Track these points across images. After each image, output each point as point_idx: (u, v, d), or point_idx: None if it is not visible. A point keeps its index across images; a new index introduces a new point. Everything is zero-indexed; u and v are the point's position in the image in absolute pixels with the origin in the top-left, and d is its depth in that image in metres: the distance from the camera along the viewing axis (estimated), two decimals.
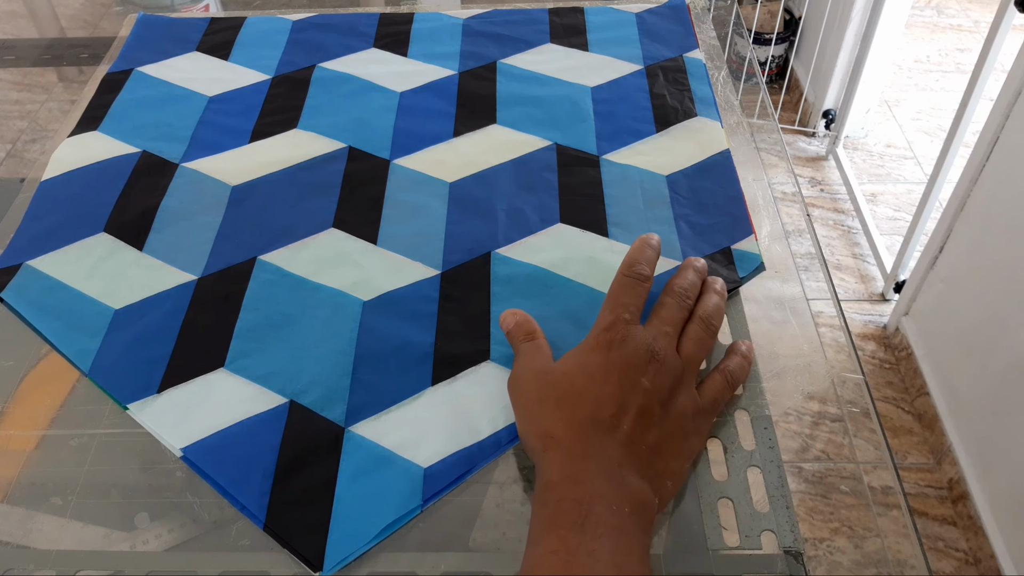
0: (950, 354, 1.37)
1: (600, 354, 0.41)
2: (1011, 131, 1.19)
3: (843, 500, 0.44)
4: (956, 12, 2.61)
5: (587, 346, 0.42)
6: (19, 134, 0.72)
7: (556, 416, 0.40)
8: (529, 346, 0.45)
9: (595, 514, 0.35)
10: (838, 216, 1.88)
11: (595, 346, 0.42)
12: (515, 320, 0.47)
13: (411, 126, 0.65)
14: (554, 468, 0.38)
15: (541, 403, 0.41)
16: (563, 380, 0.41)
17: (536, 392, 0.42)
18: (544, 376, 0.43)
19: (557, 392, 0.41)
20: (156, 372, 0.48)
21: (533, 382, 0.43)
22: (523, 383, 0.43)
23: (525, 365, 0.44)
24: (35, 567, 0.40)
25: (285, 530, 0.41)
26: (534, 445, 0.40)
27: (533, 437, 0.40)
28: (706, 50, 0.73)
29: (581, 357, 0.42)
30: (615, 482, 0.37)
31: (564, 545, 0.34)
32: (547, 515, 0.36)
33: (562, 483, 0.37)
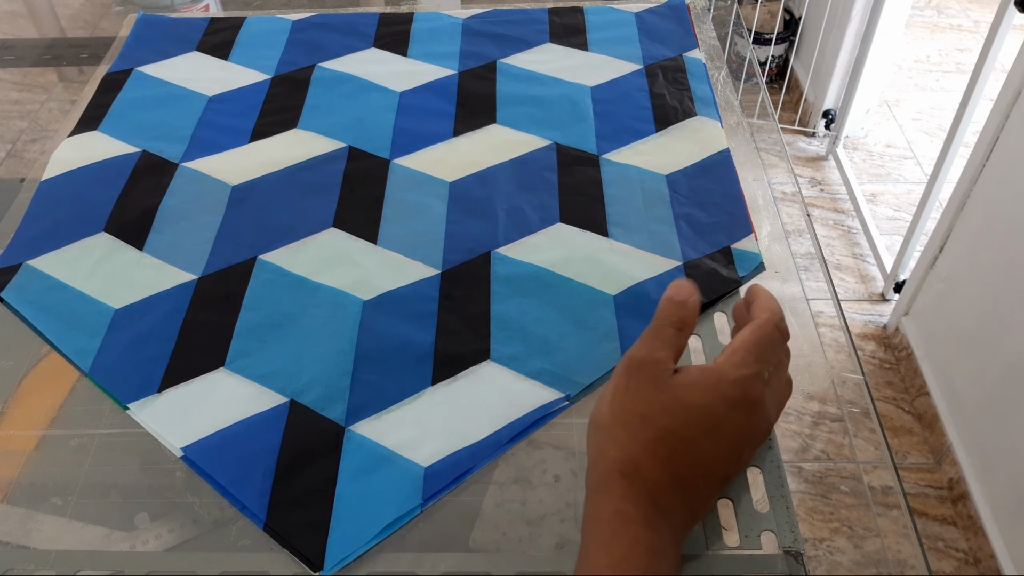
0: (950, 354, 1.37)
1: (727, 409, 0.37)
2: (1011, 131, 1.19)
3: (843, 500, 0.44)
4: (956, 12, 2.61)
5: (716, 385, 0.38)
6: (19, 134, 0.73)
7: (652, 449, 0.36)
8: (670, 333, 0.39)
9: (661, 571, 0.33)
10: (838, 216, 1.88)
11: (724, 399, 0.37)
12: (685, 297, 0.40)
13: (411, 126, 0.65)
14: (633, 501, 0.35)
15: (641, 427, 0.37)
16: (681, 415, 0.37)
17: (640, 412, 0.37)
18: (660, 389, 0.37)
19: (664, 424, 0.36)
20: (156, 372, 0.48)
21: (647, 386, 0.38)
22: (636, 379, 0.38)
23: (648, 355, 0.38)
24: (35, 567, 0.40)
25: (285, 530, 0.41)
26: (611, 463, 0.36)
27: (614, 459, 0.36)
28: (706, 50, 0.73)
29: (705, 397, 0.37)
30: (677, 557, 0.35)
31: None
32: (617, 557, 0.33)
33: (640, 523, 0.34)
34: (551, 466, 0.44)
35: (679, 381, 0.38)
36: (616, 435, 0.37)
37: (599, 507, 0.35)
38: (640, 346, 0.39)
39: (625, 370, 0.39)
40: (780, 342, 0.40)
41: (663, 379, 0.38)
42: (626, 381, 0.38)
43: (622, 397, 0.38)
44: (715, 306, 0.51)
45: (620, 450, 0.36)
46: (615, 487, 0.35)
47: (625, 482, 0.35)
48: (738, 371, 0.38)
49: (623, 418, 0.37)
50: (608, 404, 0.38)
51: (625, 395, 0.38)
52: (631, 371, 0.38)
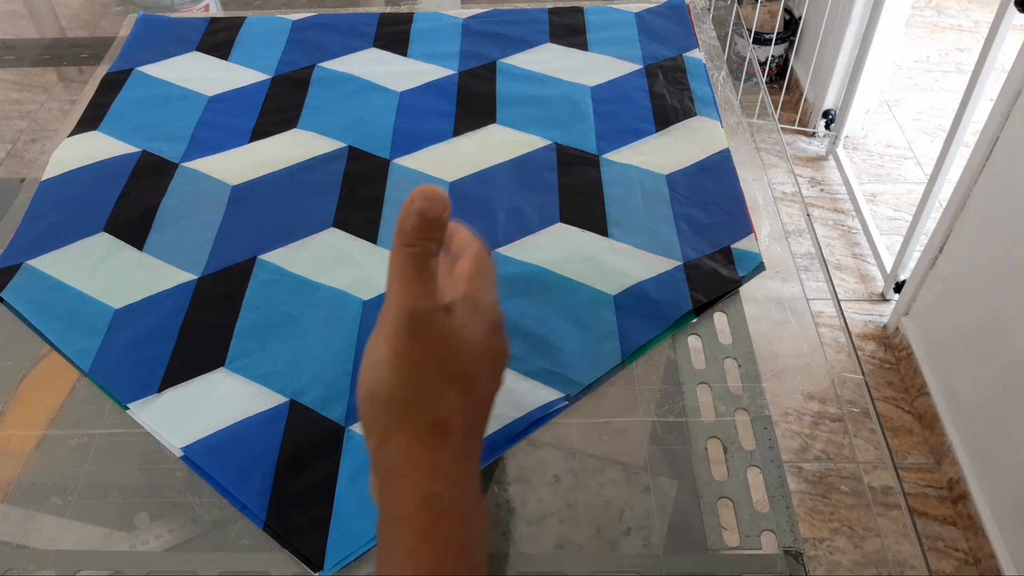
0: (950, 354, 1.37)
1: (492, 336, 0.37)
2: (1011, 131, 1.19)
3: (843, 500, 0.44)
4: (956, 12, 2.61)
5: (480, 316, 0.37)
6: (19, 134, 0.72)
7: (453, 404, 0.34)
8: (434, 264, 0.34)
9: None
10: (838, 216, 1.88)
11: (490, 323, 0.37)
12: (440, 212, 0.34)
13: (411, 126, 0.65)
14: (440, 478, 0.33)
15: (441, 377, 0.34)
16: (467, 356, 0.35)
17: (435, 361, 0.34)
18: (445, 339, 0.34)
19: (457, 368, 0.34)
20: (156, 372, 0.48)
21: (436, 341, 0.34)
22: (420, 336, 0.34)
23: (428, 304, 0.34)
24: (35, 567, 0.40)
25: (285, 529, 0.41)
26: (416, 423, 0.33)
27: (416, 414, 0.33)
28: (706, 50, 0.73)
29: (480, 331, 0.36)
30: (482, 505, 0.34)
31: None
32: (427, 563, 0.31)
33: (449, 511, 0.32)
34: (551, 466, 0.44)
35: (456, 323, 0.35)
36: (412, 401, 0.33)
37: (401, 495, 0.32)
38: (414, 294, 0.33)
39: (407, 328, 0.33)
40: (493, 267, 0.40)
41: (445, 329, 0.34)
42: (410, 344, 0.33)
43: (408, 359, 0.33)
44: (715, 306, 0.51)
45: (424, 414, 0.33)
46: (418, 466, 0.32)
47: (430, 451, 0.33)
48: (488, 296, 0.38)
49: (419, 381, 0.33)
50: (392, 370, 0.33)
51: (411, 356, 0.33)
52: (414, 329, 0.33)
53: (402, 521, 0.32)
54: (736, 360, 0.48)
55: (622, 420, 0.45)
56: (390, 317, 0.34)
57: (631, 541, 0.40)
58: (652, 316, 0.50)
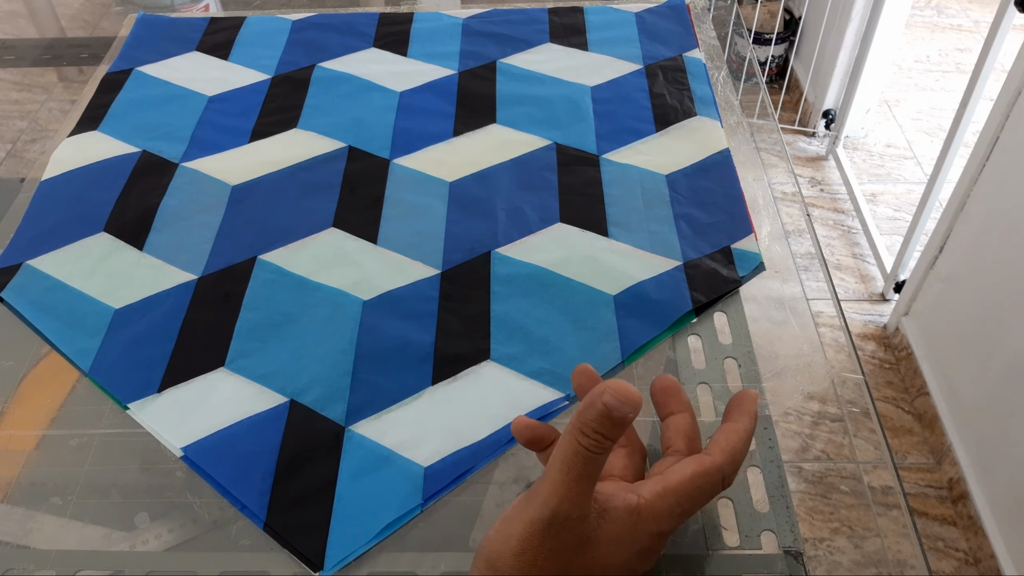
0: (950, 354, 1.37)
1: (636, 560, 0.35)
2: (1011, 131, 1.19)
3: (843, 500, 0.44)
4: (956, 12, 2.61)
5: (635, 539, 0.34)
6: (19, 134, 0.72)
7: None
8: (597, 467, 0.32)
9: None
10: (838, 216, 1.88)
11: (639, 549, 0.34)
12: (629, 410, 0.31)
13: (411, 126, 0.65)
14: None
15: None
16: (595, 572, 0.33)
17: (559, 568, 0.33)
18: (581, 552, 0.33)
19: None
20: (156, 372, 0.48)
21: (569, 550, 0.33)
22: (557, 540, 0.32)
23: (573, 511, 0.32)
24: (35, 567, 0.40)
25: (285, 529, 0.41)
26: None
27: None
28: (706, 50, 0.73)
29: (624, 554, 0.34)
30: None
31: None
32: None
33: None
34: None
35: (603, 536, 0.33)
36: None
37: None
38: (564, 495, 0.32)
39: (545, 529, 0.32)
40: (715, 493, 0.36)
41: (586, 539, 0.33)
42: (541, 541, 0.32)
43: (535, 557, 0.32)
44: (715, 306, 0.51)
45: None
46: None
47: None
48: (659, 525, 0.34)
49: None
50: (515, 555, 0.32)
51: (538, 555, 0.32)
52: (553, 531, 0.32)
53: None
54: (736, 360, 0.48)
55: None
56: (537, 503, 0.32)
57: None
58: (652, 316, 0.50)
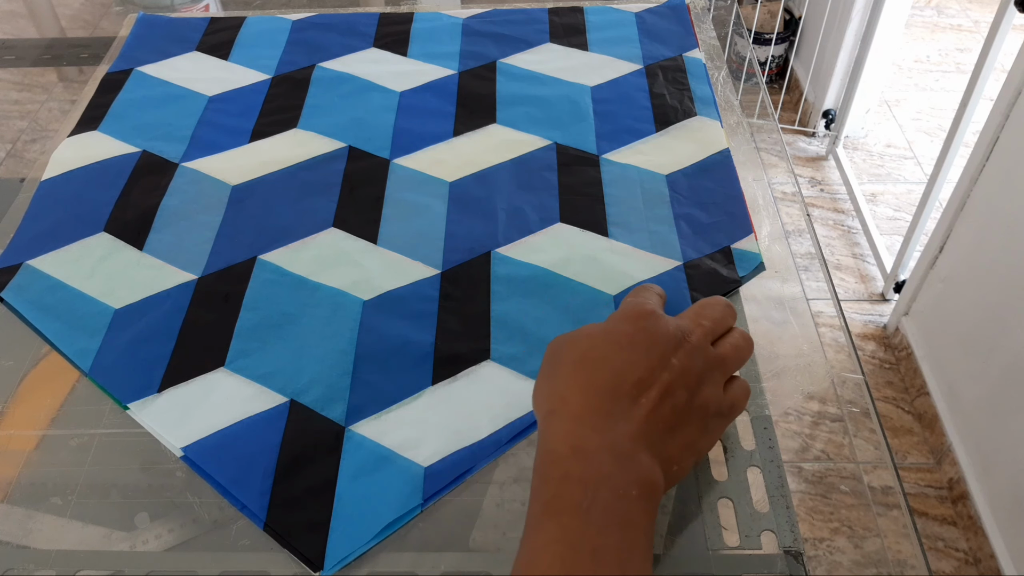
0: (950, 354, 1.37)
1: (629, 324, 0.38)
2: (1011, 131, 1.19)
3: (843, 500, 0.44)
4: (956, 12, 2.61)
5: (614, 317, 0.40)
6: (19, 134, 0.72)
7: (572, 379, 0.37)
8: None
9: (601, 500, 0.32)
10: (838, 216, 1.88)
11: (623, 317, 0.39)
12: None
13: (411, 126, 0.65)
14: (561, 437, 0.34)
15: (559, 364, 0.38)
16: (584, 343, 0.38)
17: (556, 353, 0.39)
18: (569, 338, 0.39)
19: (576, 354, 0.38)
20: (156, 372, 0.48)
21: (558, 344, 0.39)
22: (553, 345, 0.39)
23: (574, 332, 0.40)
24: (35, 567, 0.40)
25: (285, 529, 0.41)
26: (542, 406, 0.37)
27: (543, 397, 0.37)
28: (706, 50, 0.73)
29: (607, 325, 0.39)
30: (625, 461, 0.34)
31: (566, 535, 0.31)
32: (549, 495, 0.33)
33: (568, 456, 0.34)
34: None
35: (584, 327, 0.40)
36: (542, 386, 0.39)
37: (537, 468, 0.35)
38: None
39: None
40: (647, 289, 0.43)
41: (577, 332, 0.40)
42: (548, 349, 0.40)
43: (544, 360, 0.40)
44: None
45: (547, 395, 0.38)
46: (549, 433, 0.36)
47: (556, 420, 0.36)
48: (625, 306, 0.41)
49: (544, 368, 0.40)
50: (536, 382, 0.40)
51: (545, 356, 0.40)
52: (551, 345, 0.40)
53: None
54: None
55: None
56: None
57: None
58: None
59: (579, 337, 0.39)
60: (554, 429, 0.35)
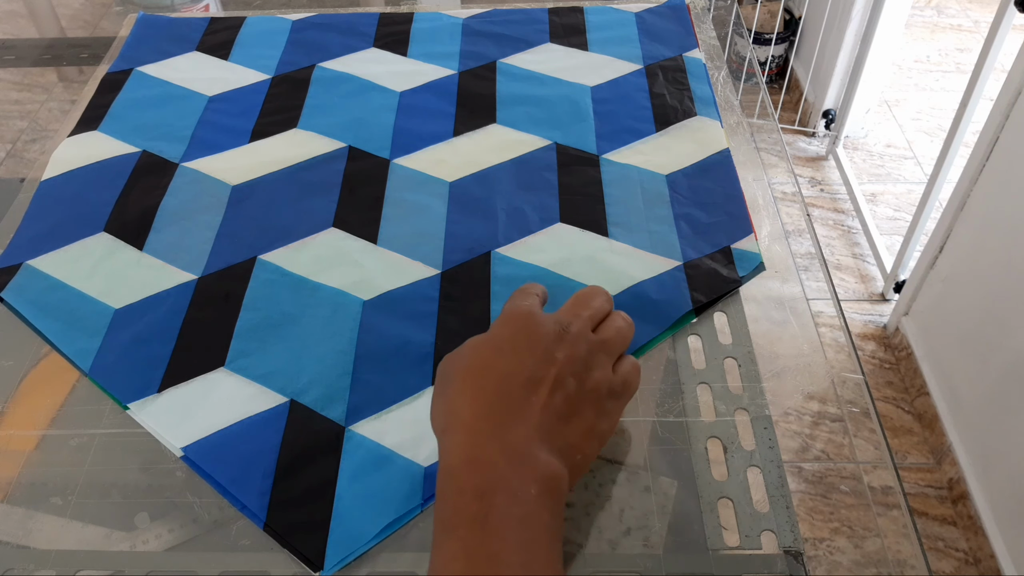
0: (950, 354, 1.37)
1: (508, 327, 0.39)
2: (1011, 131, 1.19)
3: (843, 500, 0.44)
4: (956, 12, 2.61)
5: (495, 324, 0.40)
6: (19, 134, 0.72)
7: (461, 392, 0.37)
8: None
9: (498, 507, 0.32)
10: (838, 216, 1.88)
11: (502, 323, 0.39)
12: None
13: (411, 126, 0.65)
14: (455, 451, 0.35)
15: (448, 380, 0.38)
16: (469, 354, 0.38)
17: (444, 370, 0.39)
18: (455, 354, 0.39)
19: (462, 366, 0.38)
20: (156, 372, 0.48)
21: (446, 361, 0.39)
22: (442, 364, 0.40)
23: (460, 347, 0.40)
24: (35, 567, 0.40)
25: (285, 529, 0.41)
26: (437, 425, 0.37)
27: (437, 416, 0.38)
28: (706, 50, 0.73)
29: (488, 333, 0.39)
30: (521, 461, 0.34)
31: (465, 549, 0.31)
32: (447, 512, 0.33)
33: (462, 469, 0.34)
34: None
35: (467, 340, 0.40)
36: (435, 405, 0.39)
37: (437, 486, 0.35)
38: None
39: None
40: (522, 293, 0.42)
41: (462, 346, 0.40)
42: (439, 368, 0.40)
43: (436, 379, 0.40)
44: (715, 306, 0.51)
45: (440, 412, 0.38)
46: (444, 449, 0.36)
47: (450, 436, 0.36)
48: (502, 314, 0.41)
49: (436, 387, 0.40)
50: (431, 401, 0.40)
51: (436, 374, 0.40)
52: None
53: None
54: (736, 360, 0.48)
55: (622, 420, 0.45)
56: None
57: (631, 541, 0.40)
58: (652, 316, 0.50)
59: (463, 350, 0.39)
60: (448, 445, 0.35)
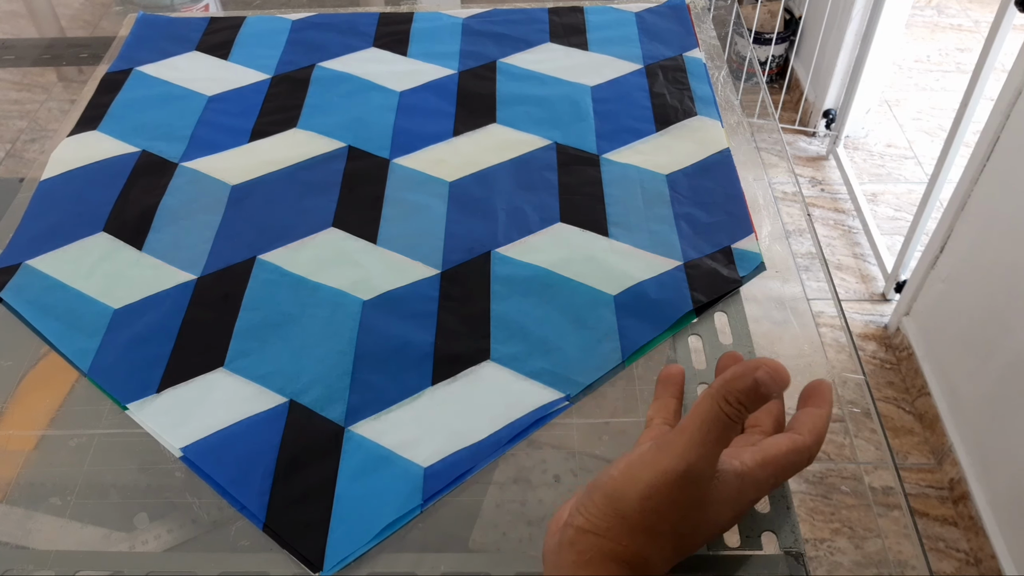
0: (951, 354, 1.37)
1: (730, 513, 0.36)
2: (1011, 131, 1.19)
3: (844, 500, 0.43)
4: (956, 12, 2.61)
5: (737, 501, 0.36)
6: (19, 134, 0.72)
7: (664, 553, 0.35)
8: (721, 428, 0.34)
9: None
10: (838, 216, 1.88)
11: (736, 504, 0.36)
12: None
13: (411, 125, 0.65)
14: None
15: (674, 531, 0.35)
16: (702, 527, 0.36)
17: (680, 519, 0.35)
18: (701, 508, 0.35)
19: (686, 530, 0.35)
20: (155, 372, 0.48)
21: (694, 505, 0.35)
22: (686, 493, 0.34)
23: (706, 469, 0.34)
24: (35, 567, 0.40)
25: (285, 530, 0.40)
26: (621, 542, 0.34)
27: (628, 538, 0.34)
28: (706, 50, 0.73)
29: (726, 513, 0.36)
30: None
31: None
32: None
33: None
34: (551, 466, 0.44)
35: (715, 497, 0.35)
36: (636, 529, 0.34)
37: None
38: (700, 454, 0.34)
39: (677, 480, 0.34)
40: (801, 468, 0.38)
41: (705, 497, 0.35)
42: (669, 491, 0.34)
43: (659, 504, 0.34)
44: (715, 306, 0.51)
45: (632, 543, 0.34)
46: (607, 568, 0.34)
47: (620, 568, 0.34)
48: (758, 491, 0.37)
49: (652, 522, 0.34)
50: (642, 498, 0.34)
51: (662, 503, 0.34)
52: (682, 484, 0.34)
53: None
54: None
55: (622, 420, 0.45)
56: (673, 455, 0.34)
57: None
58: (652, 316, 0.50)
59: (703, 524, 0.36)
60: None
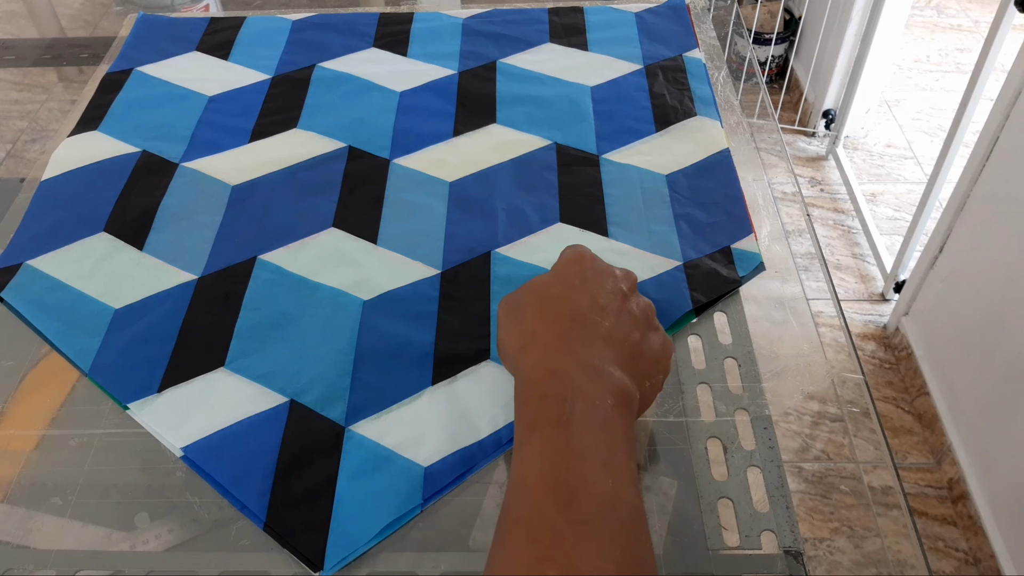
0: (950, 354, 1.37)
1: (575, 265, 0.42)
2: (1011, 131, 1.19)
3: (843, 500, 0.44)
4: (956, 12, 2.61)
5: (558, 266, 0.43)
6: (19, 134, 0.73)
7: (537, 317, 0.40)
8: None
9: (579, 410, 0.35)
10: (838, 216, 1.88)
11: (567, 262, 0.43)
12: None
13: (411, 126, 0.65)
14: (535, 365, 0.38)
15: (521, 310, 0.41)
16: (540, 288, 0.42)
17: (513, 305, 0.42)
18: (523, 290, 0.43)
19: (535, 298, 0.41)
20: (156, 372, 0.48)
21: (512, 299, 0.43)
22: (508, 297, 0.43)
23: (521, 287, 0.44)
24: (35, 567, 0.40)
25: (285, 529, 0.41)
26: (514, 345, 0.40)
27: (514, 338, 0.40)
28: (706, 50, 0.73)
29: (554, 272, 0.43)
30: (597, 376, 0.37)
31: (551, 444, 0.34)
32: (531, 414, 0.36)
33: (544, 379, 0.37)
34: None
35: (534, 278, 0.43)
36: (509, 331, 0.42)
37: (517, 396, 0.38)
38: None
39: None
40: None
41: (529, 283, 0.43)
42: (502, 304, 0.43)
43: (503, 311, 0.43)
44: (715, 306, 0.51)
45: (517, 335, 0.41)
46: (524, 365, 0.39)
47: (529, 353, 0.39)
48: (563, 256, 0.44)
49: (508, 317, 0.42)
50: (499, 332, 0.42)
51: (502, 308, 0.43)
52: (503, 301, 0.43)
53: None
54: (736, 360, 0.48)
55: None
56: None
57: None
58: None
59: (533, 286, 0.42)
60: (529, 359, 0.38)
